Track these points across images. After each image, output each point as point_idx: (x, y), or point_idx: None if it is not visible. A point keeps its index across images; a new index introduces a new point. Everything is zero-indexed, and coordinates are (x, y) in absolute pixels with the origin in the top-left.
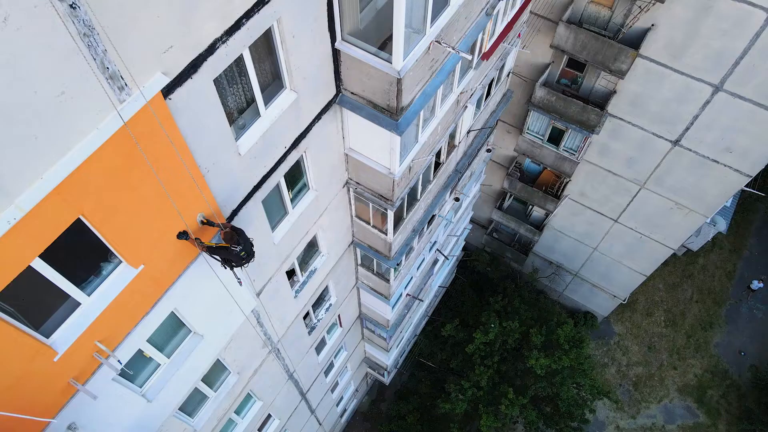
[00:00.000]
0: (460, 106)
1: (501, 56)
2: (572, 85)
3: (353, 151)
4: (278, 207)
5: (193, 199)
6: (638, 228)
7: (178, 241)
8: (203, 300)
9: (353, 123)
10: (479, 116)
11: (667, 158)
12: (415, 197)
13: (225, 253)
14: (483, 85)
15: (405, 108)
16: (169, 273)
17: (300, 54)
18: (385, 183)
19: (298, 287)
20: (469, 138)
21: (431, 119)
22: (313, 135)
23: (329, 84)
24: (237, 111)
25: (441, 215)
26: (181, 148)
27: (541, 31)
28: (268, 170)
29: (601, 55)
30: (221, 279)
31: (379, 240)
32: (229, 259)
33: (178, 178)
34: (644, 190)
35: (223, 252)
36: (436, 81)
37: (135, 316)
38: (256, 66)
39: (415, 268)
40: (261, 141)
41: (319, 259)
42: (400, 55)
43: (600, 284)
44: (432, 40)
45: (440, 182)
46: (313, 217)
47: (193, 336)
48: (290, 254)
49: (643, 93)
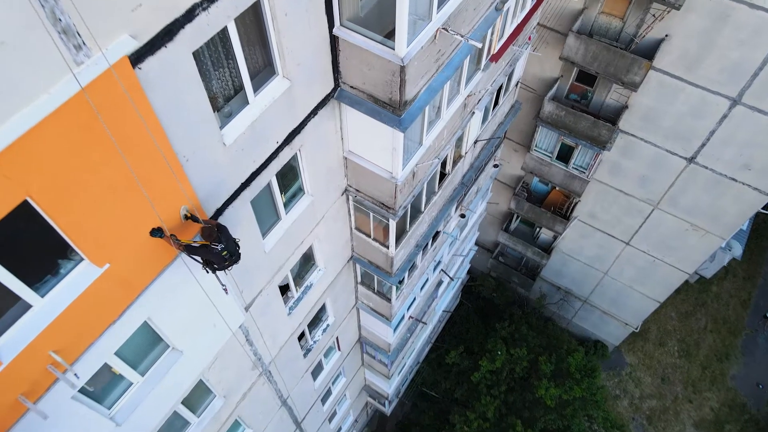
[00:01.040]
0: (468, 111)
1: (510, 61)
2: (582, 101)
3: (353, 154)
4: (270, 211)
5: (169, 191)
6: (651, 251)
7: (152, 238)
8: (183, 310)
9: (353, 121)
10: (487, 126)
11: (681, 176)
12: (418, 209)
13: (205, 252)
14: (491, 91)
15: (409, 103)
16: (142, 276)
17: (294, 36)
18: (386, 189)
19: (293, 303)
20: (476, 149)
21: (437, 121)
22: (308, 131)
23: (326, 75)
24: (223, 98)
25: (446, 232)
26: (154, 128)
27: (550, 44)
28: (258, 166)
29: (612, 66)
30: (203, 286)
31: (381, 254)
32: (210, 260)
33: (150, 163)
34: (657, 211)
35: (203, 251)
36: (443, 76)
37: (99, 324)
38: (244, 47)
39: (419, 289)
40: (249, 132)
41: (315, 274)
42: (404, 40)
43: (611, 311)
44: (438, 27)
45: (446, 194)
46: (309, 226)
47: (171, 351)
48: (283, 265)
49: (657, 107)
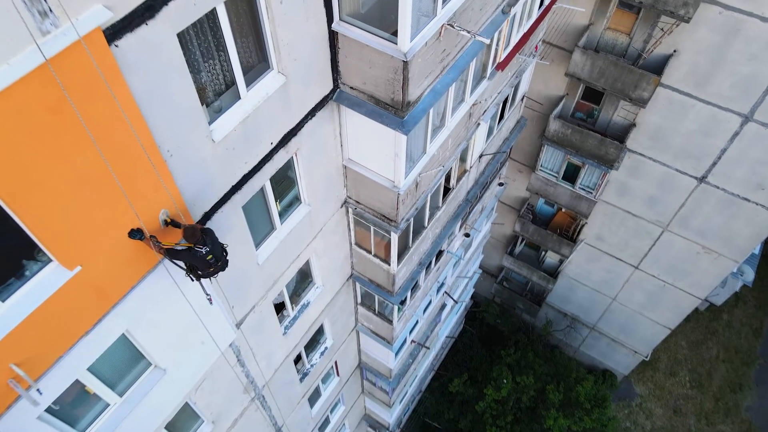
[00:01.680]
0: (473, 121)
1: (516, 72)
2: (588, 119)
3: (353, 162)
4: (264, 219)
5: (150, 188)
6: (661, 275)
7: (130, 241)
8: (166, 323)
9: (353, 125)
10: (492, 140)
11: (692, 197)
12: (422, 223)
13: (188, 256)
14: (497, 102)
15: (412, 104)
16: (119, 282)
17: (290, 27)
18: (388, 200)
19: (288, 322)
20: (481, 164)
21: (441, 129)
22: (305, 134)
23: (325, 75)
24: (213, 92)
25: (450, 251)
26: (132, 115)
27: (555, 61)
28: (250, 168)
29: (620, 82)
30: (189, 298)
31: (382, 272)
32: (193, 265)
33: (128, 155)
34: (667, 233)
35: (186, 255)
36: (448, 78)
37: (70, 336)
38: (236, 36)
39: (422, 311)
40: (241, 129)
41: (312, 292)
42: (407, 34)
43: (619, 339)
44: (444, 23)
45: (450, 210)
46: (306, 238)
47: (153, 370)
48: (278, 280)
49: (665, 125)
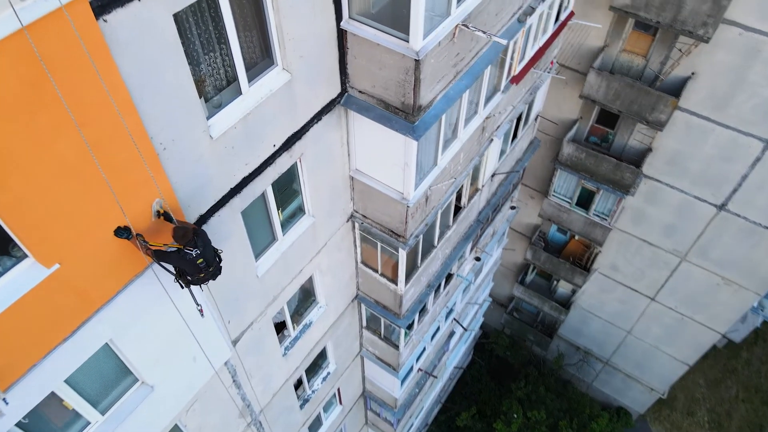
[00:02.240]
0: (486, 136)
1: (531, 89)
2: (602, 143)
3: (360, 173)
4: (264, 228)
5: (139, 183)
6: (679, 308)
7: (116, 241)
8: (155, 335)
9: (361, 132)
10: (505, 160)
11: (711, 225)
12: (431, 243)
13: (177, 259)
14: (511, 118)
15: (423, 109)
16: (103, 286)
17: (296, 20)
18: (397, 214)
19: (289, 343)
20: (493, 184)
21: (453, 141)
22: (310, 139)
23: (332, 77)
24: (213, 87)
25: (460, 275)
26: (121, 99)
27: (569, 84)
28: (251, 171)
29: (636, 104)
30: (179, 308)
31: (389, 293)
32: (183, 270)
33: (115, 144)
34: (685, 263)
35: (175, 258)
36: (461, 84)
37: (46, 342)
38: (239, 26)
39: (429, 338)
40: (241, 127)
41: (315, 311)
42: (420, 32)
43: (634, 374)
44: (458, 23)
45: (460, 231)
46: (309, 253)
47: (140, 387)
48: (278, 296)
49: (683, 150)
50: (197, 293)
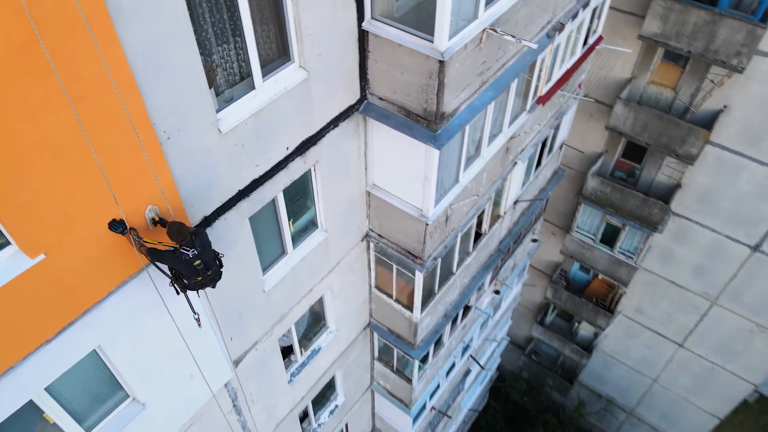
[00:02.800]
0: (510, 158)
1: (557, 113)
2: (629, 179)
3: (377, 188)
4: (274, 239)
5: (138, 172)
6: (709, 356)
7: (109, 237)
8: (148, 345)
9: (379, 142)
10: (528, 187)
11: (745, 267)
12: (450, 268)
13: (172, 259)
14: (535, 142)
15: (446, 117)
16: (93, 284)
17: (315, 14)
18: (414, 233)
19: (295, 369)
20: (515, 212)
21: (476, 159)
22: (326, 146)
23: (351, 80)
24: (225, 80)
25: (478, 307)
26: (121, 75)
27: (594, 116)
28: (261, 173)
29: (665, 136)
30: (176, 318)
31: (403, 320)
32: (179, 272)
33: (113, 126)
34: (717, 307)
35: (170, 257)
36: (486, 96)
37: (26, 342)
38: (255, 20)
39: (444, 373)
40: (253, 123)
41: (325, 336)
42: (445, 31)
43: (660, 427)
44: (486, 27)
45: (480, 259)
46: (321, 271)
47: (130, 403)
48: (286, 315)
49: (714, 187)
50: (195, 301)
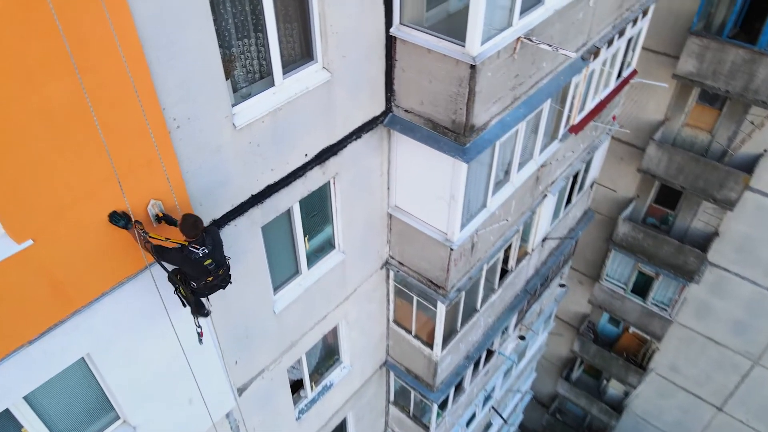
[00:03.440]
0: (539, 190)
1: (589, 148)
2: (662, 226)
3: (399, 210)
4: (287, 255)
5: (143, 161)
6: (750, 421)
7: (107, 227)
8: (144, 360)
9: (403, 159)
10: (557, 225)
11: None
12: (473, 305)
13: (179, 257)
14: (566, 175)
15: (476, 130)
16: (86, 281)
17: (341, 11)
18: (438, 259)
19: (304, 405)
20: (543, 251)
21: (505, 184)
22: (347, 157)
23: (377, 89)
24: (243, 78)
25: (502, 353)
26: (130, 48)
27: (624, 160)
28: (277, 179)
29: (702, 180)
30: (178, 331)
31: (422, 359)
32: (186, 273)
33: (118, 105)
34: (759, 368)
35: (177, 256)
36: (518, 113)
37: (3, 340)
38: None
39: (464, 423)
40: (270, 122)
41: (338, 372)
42: (478, 35)
43: None
44: (520, 36)
45: (505, 298)
46: (336, 296)
47: (120, 426)
48: (297, 342)
49: (755, 236)
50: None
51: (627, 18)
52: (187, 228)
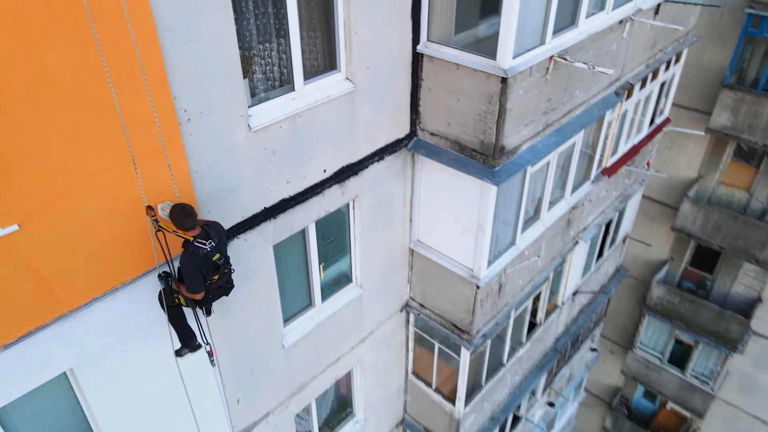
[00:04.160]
0: (570, 235)
1: (622, 196)
2: (698, 291)
3: (422, 245)
4: (299, 283)
5: (148, 151)
6: None
7: (105, 224)
8: (135, 387)
9: (428, 186)
10: (589, 279)
11: None
12: (500, 358)
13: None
14: (598, 223)
15: (507, 152)
16: (76, 281)
17: (367, 19)
18: (462, 299)
19: None
20: (574, 306)
21: (535, 222)
22: (368, 180)
23: (401, 110)
24: (262, 85)
25: (530, 419)
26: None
27: (656, 220)
28: (293, 193)
29: (742, 240)
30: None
31: (443, 417)
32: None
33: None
34: None
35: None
36: (550, 140)
37: None
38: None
39: None
40: (288, 128)
41: (351, 426)
42: (509, 47)
43: None
44: (553, 55)
45: (533, 355)
46: (351, 336)
47: None
48: (306, 385)
49: None
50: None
51: (660, 59)
52: (178, 218)
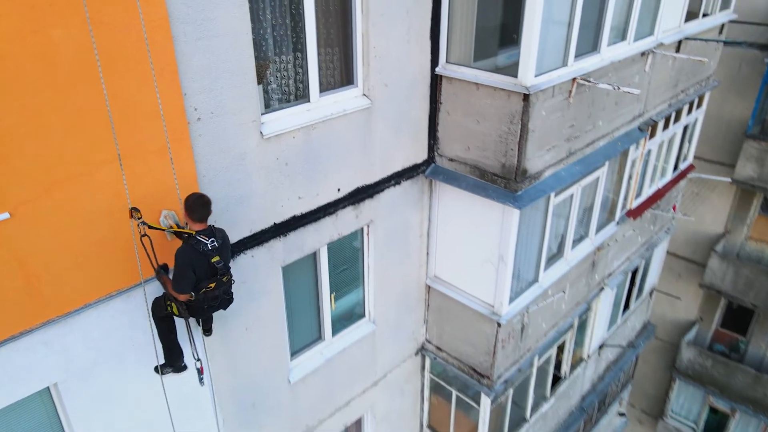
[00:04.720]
0: (596, 280)
1: (648, 242)
2: (731, 353)
3: (439, 281)
4: (308, 313)
5: (154, 149)
6: None
7: (103, 222)
8: (125, 410)
9: (446, 215)
10: (615, 332)
11: None
12: (522, 413)
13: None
14: (624, 270)
15: (529, 177)
16: (66, 283)
17: (385, 34)
18: (483, 340)
19: None
20: (600, 362)
21: (558, 260)
22: (384, 203)
23: (419, 133)
24: (277, 97)
25: None
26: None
27: (682, 277)
28: (305, 210)
29: None
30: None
31: None
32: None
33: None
34: None
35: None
36: (574, 169)
37: None
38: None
39: None
40: (302, 139)
41: None
42: (532, 65)
43: None
44: (576, 77)
45: (558, 413)
46: (363, 378)
47: None
48: (312, 430)
49: None
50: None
51: (682, 100)
52: (193, 205)
